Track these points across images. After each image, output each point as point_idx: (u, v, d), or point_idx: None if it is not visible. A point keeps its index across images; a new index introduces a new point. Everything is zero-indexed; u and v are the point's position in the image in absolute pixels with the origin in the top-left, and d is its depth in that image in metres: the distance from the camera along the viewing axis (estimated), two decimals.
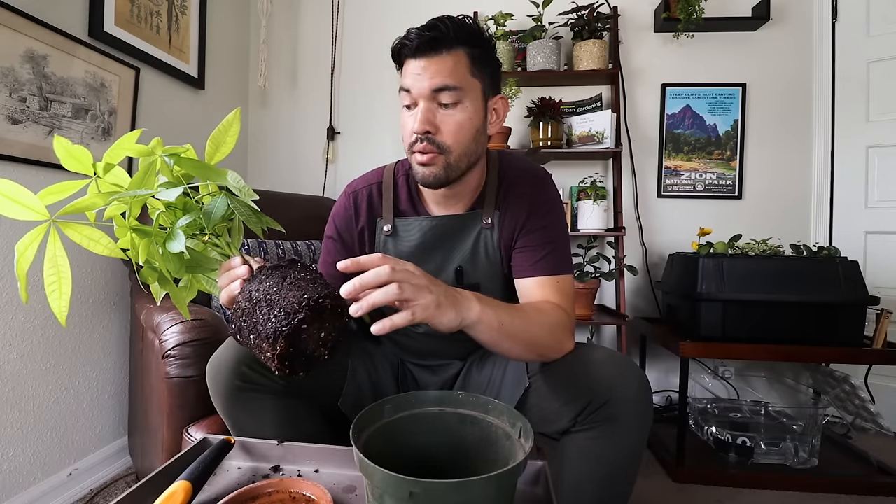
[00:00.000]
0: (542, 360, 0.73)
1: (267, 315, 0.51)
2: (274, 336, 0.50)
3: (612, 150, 1.80)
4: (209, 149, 0.57)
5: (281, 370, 0.51)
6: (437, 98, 0.71)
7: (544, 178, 0.84)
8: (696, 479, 1.41)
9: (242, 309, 0.54)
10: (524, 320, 0.67)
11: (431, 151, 0.72)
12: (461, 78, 0.71)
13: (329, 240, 0.87)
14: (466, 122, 0.72)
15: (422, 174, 0.74)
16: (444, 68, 0.70)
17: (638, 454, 0.70)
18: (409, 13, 2.06)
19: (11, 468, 1.14)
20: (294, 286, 0.53)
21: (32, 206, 0.47)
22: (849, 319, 1.41)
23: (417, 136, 0.71)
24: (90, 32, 1.30)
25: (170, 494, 0.48)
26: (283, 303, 0.51)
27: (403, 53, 0.73)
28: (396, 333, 0.90)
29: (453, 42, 0.70)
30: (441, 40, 0.69)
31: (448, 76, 0.70)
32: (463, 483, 0.41)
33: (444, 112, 0.71)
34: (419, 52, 0.70)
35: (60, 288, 0.49)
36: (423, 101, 0.71)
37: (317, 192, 2.07)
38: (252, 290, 0.54)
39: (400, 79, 0.75)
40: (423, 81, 0.70)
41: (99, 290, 1.36)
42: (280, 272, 0.55)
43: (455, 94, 0.70)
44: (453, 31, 0.70)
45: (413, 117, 0.72)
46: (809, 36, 1.92)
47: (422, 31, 0.70)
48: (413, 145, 0.73)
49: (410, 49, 0.71)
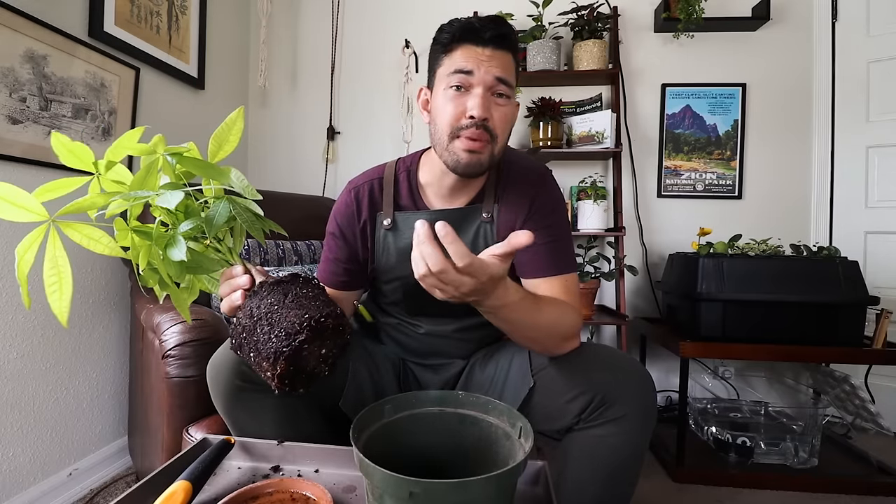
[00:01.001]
0: (549, 354, 0.73)
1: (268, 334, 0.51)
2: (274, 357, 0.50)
3: (612, 150, 1.80)
4: (212, 146, 0.57)
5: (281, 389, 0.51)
6: (495, 88, 0.72)
7: (546, 176, 0.84)
8: (696, 479, 1.41)
9: (243, 326, 0.54)
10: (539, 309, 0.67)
11: (483, 139, 0.72)
12: (513, 76, 0.75)
13: (331, 236, 0.87)
14: (511, 117, 0.76)
15: (467, 160, 0.72)
16: (508, 62, 0.73)
17: (641, 453, 0.70)
18: (408, 13, 2.06)
19: (11, 468, 1.14)
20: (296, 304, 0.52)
21: (31, 208, 0.47)
22: (849, 319, 1.41)
23: (475, 121, 0.71)
24: (90, 32, 1.30)
25: (170, 494, 0.48)
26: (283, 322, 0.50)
27: (466, 38, 0.72)
28: (398, 332, 0.90)
29: (512, 44, 0.74)
30: (506, 37, 0.72)
31: (510, 70, 0.73)
32: (463, 483, 0.41)
33: (498, 102, 0.73)
34: (490, 42, 0.71)
35: (61, 288, 0.49)
36: (481, 88, 0.71)
37: (317, 192, 2.07)
38: (253, 306, 0.54)
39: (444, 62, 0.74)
40: (490, 69, 0.71)
41: (99, 290, 1.36)
42: (282, 288, 0.54)
43: (509, 88, 0.73)
44: (513, 35, 0.74)
45: (470, 101, 0.71)
46: (809, 36, 1.92)
47: (492, 23, 0.72)
48: (461, 130, 0.72)
49: (482, 37, 0.71)
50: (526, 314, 0.63)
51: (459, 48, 0.72)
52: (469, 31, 0.72)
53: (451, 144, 0.73)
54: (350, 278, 0.86)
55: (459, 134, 0.72)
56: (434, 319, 0.86)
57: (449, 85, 0.72)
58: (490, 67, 0.71)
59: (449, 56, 0.73)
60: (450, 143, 0.73)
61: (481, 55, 0.71)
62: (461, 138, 0.72)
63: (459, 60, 0.72)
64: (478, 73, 0.71)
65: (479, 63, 0.71)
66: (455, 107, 0.72)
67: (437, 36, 0.76)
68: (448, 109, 0.72)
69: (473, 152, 0.72)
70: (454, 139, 0.72)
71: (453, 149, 0.73)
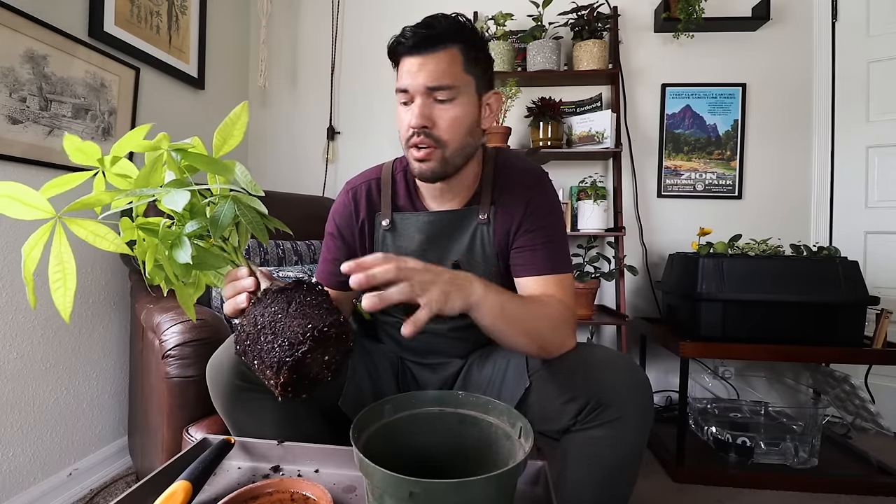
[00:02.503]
0: (543, 355, 0.73)
1: (271, 343, 0.51)
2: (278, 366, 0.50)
3: (612, 150, 1.80)
4: (216, 141, 0.58)
5: (284, 396, 0.51)
6: (433, 94, 0.72)
7: (542, 177, 0.84)
8: (696, 479, 1.41)
9: (247, 333, 0.54)
10: (526, 308, 0.68)
11: (428, 146, 0.73)
12: (456, 74, 0.72)
13: (329, 236, 0.87)
14: (462, 117, 0.74)
15: (419, 169, 0.75)
16: (440, 65, 0.71)
17: (639, 454, 0.70)
18: (408, 13, 2.06)
19: (11, 468, 1.14)
20: (299, 313, 0.52)
21: (38, 205, 0.47)
22: (849, 319, 1.41)
23: (414, 131, 0.72)
24: (90, 32, 1.30)
25: (170, 494, 0.48)
26: (287, 332, 0.51)
27: (399, 51, 0.74)
28: (396, 330, 0.90)
29: (448, 39, 0.72)
30: (436, 38, 0.71)
31: (443, 72, 0.71)
32: (463, 483, 0.41)
33: (440, 107, 0.73)
34: (415, 50, 0.71)
35: (65, 284, 0.49)
36: (419, 97, 0.72)
37: (317, 191, 2.07)
38: (257, 314, 0.54)
39: (396, 77, 0.76)
40: (420, 78, 0.71)
41: (99, 290, 1.36)
42: (286, 296, 0.54)
43: (450, 90, 0.72)
44: (448, 29, 0.72)
45: (410, 112, 0.73)
46: (809, 36, 1.92)
47: (417, 28, 0.72)
48: (409, 140, 0.74)
49: (406, 46, 0.72)
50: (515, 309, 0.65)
51: (401, 61, 0.75)
52: (399, 43, 0.73)
53: (408, 155, 0.77)
54: (349, 278, 0.86)
55: (410, 145, 0.74)
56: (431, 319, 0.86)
57: (399, 101, 0.76)
58: (419, 76, 0.71)
59: (397, 70, 0.76)
60: (407, 153, 0.77)
61: (412, 66, 0.72)
62: (411, 148, 0.74)
63: (400, 76, 0.74)
64: (411, 85, 0.72)
65: (410, 74, 0.72)
66: (404, 120, 0.75)
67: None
68: (401, 124, 0.76)
69: (422, 161, 0.74)
70: (408, 150, 0.76)
71: (409, 158, 0.77)
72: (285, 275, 1.31)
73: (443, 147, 0.73)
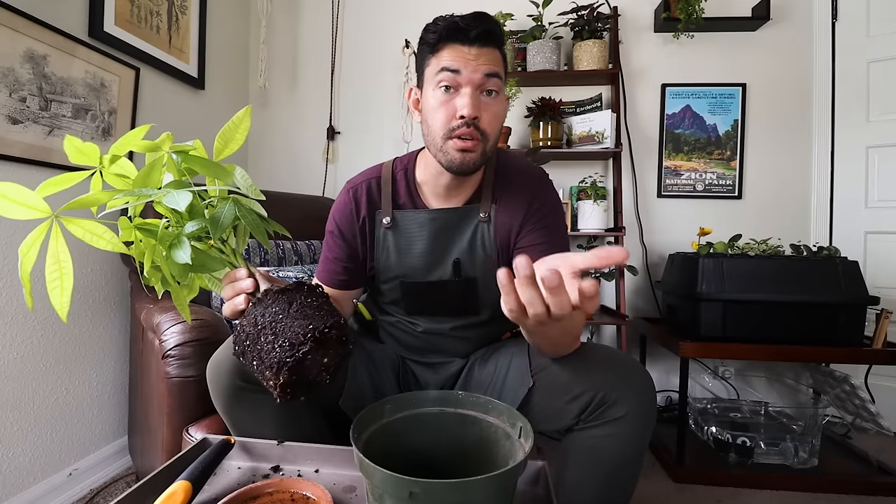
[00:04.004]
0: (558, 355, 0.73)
1: (271, 344, 0.51)
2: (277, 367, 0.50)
3: (612, 150, 1.80)
4: (218, 144, 0.58)
5: (283, 398, 0.51)
6: (484, 85, 0.72)
7: (543, 177, 0.85)
8: (696, 479, 1.41)
9: (247, 334, 0.54)
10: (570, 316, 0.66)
11: (475, 138, 0.72)
12: (503, 70, 0.75)
13: (330, 235, 0.87)
14: (501, 113, 0.76)
15: (460, 160, 0.73)
16: (494, 59, 0.73)
17: (640, 453, 0.70)
18: (408, 13, 2.06)
19: (11, 468, 1.14)
20: (300, 314, 0.52)
21: (34, 205, 0.47)
22: (849, 319, 1.41)
23: (465, 121, 0.71)
24: (90, 32, 1.30)
25: (170, 494, 0.48)
26: (287, 333, 0.51)
27: (453, 37, 0.72)
28: (397, 330, 0.90)
29: (497, 39, 0.73)
30: (493, 34, 0.72)
31: (498, 66, 0.73)
32: (463, 483, 0.41)
33: (487, 101, 0.73)
34: (477, 41, 0.71)
35: (62, 283, 0.49)
36: (469, 87, 0.71)
37: (317, 191, 2.07)
38: (258, 314, 0.54)
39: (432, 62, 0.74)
40: (477, 67, 0.71)
41: (99, 290, 1.36)
42: (286, 297, 0.54)
43: (500, 84, 0.73)
44: (498, 30, 0.73)
45: (458, 101, 0.71)
46: (809, 36, 1.92)
47: (476, 20, 0.71)
48: (454, 130, 0.72)
49: (467, 35, 0.71)
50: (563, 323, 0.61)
51: (446, 48, 0.72)
52: (455, 30, 0.71)
53: (444, 145, 0.74)
54: (349, 278, 0.86)
55: (452, 135, 0.72)
56: (432, 318, 0.87)
57: (438, 84, 0.73)
58: (478, 65, 0.71)
59: (436, 56, 0.73)
60: (443, 143, 0.74)
61: (468, 54, 0.71)
62: (454, 139, 0.72)
63: (447, 60, 0.72)
64: (465, 71, 0.71)
65: (466, 62, 0.71)
66: (446, 108, 0.72)
67: (424, 36, 0.75)
68: (440, 111, 0.73)
69: (466, 151, 0.73)
70: (447, 140, 0.73)
71: (447, 149, 0.74)
72: (285, 275, 1.31)
73: (485, 140, 0.74)
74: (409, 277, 0.83)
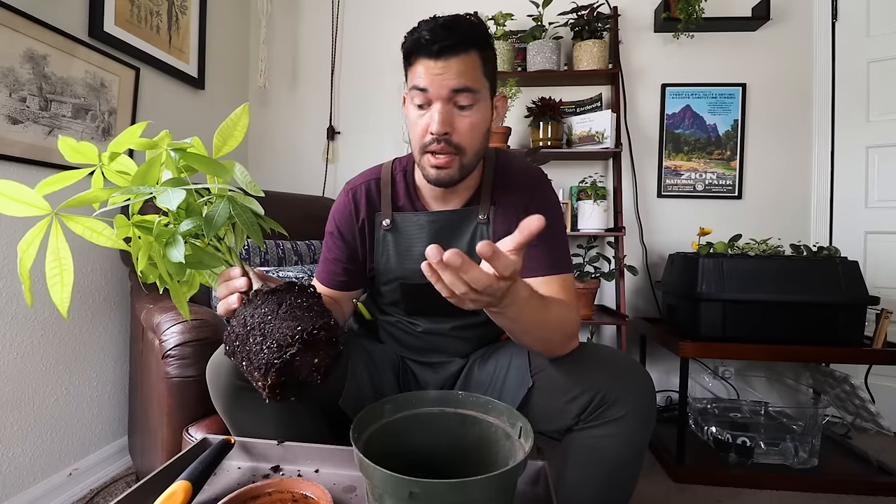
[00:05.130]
0: (547, 354, 0.73)
1: (260, 345, 0.51)
2: (265, 368, 0.50)
3: (612, 150, 1.80)
4: (217, 141, 0.58)
5: (272, 398, 0.51)
6: (454, 99, 0.70)
7: (542, 178, 0.85)
8: (696, 479, 1.41)
9: (237, 334, 0.54)
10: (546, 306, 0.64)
11: (448, 153, 0.72)
12: (476, 80, 0.71)
13: (330, 236, 0.87)
14: (480, 123, 0.73)
15: (436, 175, 0.74)
16: (463, 70, 0.69)
17: (640, 453, 0.70)
18: (408, 13, 2.06)
19: (11, 468, 1.14)
20: (289, 315, 0.52)
21: (33, 203, 0.47)
22: (849, 319, 1.41)
23: (435, 137, 0.71)
24: (90, 32, 1.30)
25: (170, 494, 0.48)
26: (276, 334, 0.50)
27: (419, 52, 0.70)
28: (397, 330, 0.90)
29: (470, 44, 0.70)
30: (459, 43, 0.69)
31: (467, 79, 0.69)
32: (463, 483, 0.41)
33: (460, 113, 0.71)
34: (438, 54, 0.68)
35: (62, 279, 0.49)
36: (439, 103, 0.70)
37: (317, 191, 2.07)
38: (247, 315, 0.53)
39: (409, 76, 0.73)
40: (443, 83, 0.69)
41: (99, 290, 1.36)
42: (276, 298, 0.54)
43: (472, 96, 0.71)
44: (470, 33, 0.70)
45: (429, 117, 0.71)
46: (809, 36, 1.92)
47: (441, 31, 0.68)
48: (427, 146, 0.72)
49: (430, 49, 0.68)
50: (534, 312, 0.61)
51: (417, 62, 0.71)
52: (420, 45, 0.69)
53: (421, 160, 0.75)
54: (349, 278, 0.86)
55: (426, 150, 0.73)
56: (432, 318, 0.87)
57: (412, 101, 0.73)
58: (444, 80, 0.68)
59: (411, 70, 0.73)
60: (420, 158, 0.75)
61: (434, 69, 0.69)
62: (427, 154, 0.73)
63: (416, 76, 0.71)
64: (432, 89, 0.69)
65: (432, 79, 0.69)
66: (419, 124, 0.72)
67: (402, 46, 0.73)
68: (416, 126, 0.73)
69: (440, 168, 0.73)
70: (423, 155, 0.74)
71: (423, 164, 0.75)
72: (285, 275, 1.31)
73: (461, 154, 0.73)
74: (408, 280, 0.83)
